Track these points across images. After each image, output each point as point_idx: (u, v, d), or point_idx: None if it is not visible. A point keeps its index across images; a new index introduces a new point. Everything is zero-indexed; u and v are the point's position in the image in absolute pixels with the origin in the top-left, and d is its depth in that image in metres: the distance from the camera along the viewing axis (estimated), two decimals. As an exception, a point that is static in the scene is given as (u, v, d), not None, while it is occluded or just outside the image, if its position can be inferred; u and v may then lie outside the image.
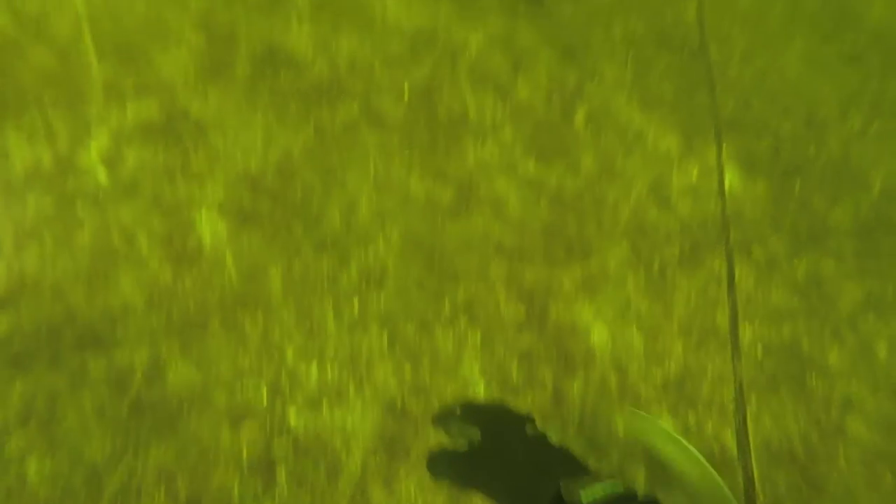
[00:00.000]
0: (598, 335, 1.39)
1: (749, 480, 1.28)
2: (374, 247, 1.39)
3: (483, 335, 1.33)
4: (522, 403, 1.28)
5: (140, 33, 1.60)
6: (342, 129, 1.53)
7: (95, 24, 1.59)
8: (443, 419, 1.14)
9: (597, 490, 0.85)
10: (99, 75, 1.51)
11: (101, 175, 1.38)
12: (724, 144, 1.82)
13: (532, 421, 1.04)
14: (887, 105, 2.03)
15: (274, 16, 1.71)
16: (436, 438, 0.99)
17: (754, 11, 2.19)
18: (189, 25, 1.64)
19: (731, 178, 1.74)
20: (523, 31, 1.86)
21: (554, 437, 0.98)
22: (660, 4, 2.11)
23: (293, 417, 1.18)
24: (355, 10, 1.79)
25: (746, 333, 1.48)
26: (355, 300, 1.33)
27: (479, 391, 1.27)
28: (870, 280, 1.63)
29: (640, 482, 1.20)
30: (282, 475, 1.11)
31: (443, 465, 1.11)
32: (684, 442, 1.20)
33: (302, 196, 1.42)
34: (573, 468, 0.94)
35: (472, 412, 1.08)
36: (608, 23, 1.98)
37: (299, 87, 1.58)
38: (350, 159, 1.49)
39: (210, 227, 1.35)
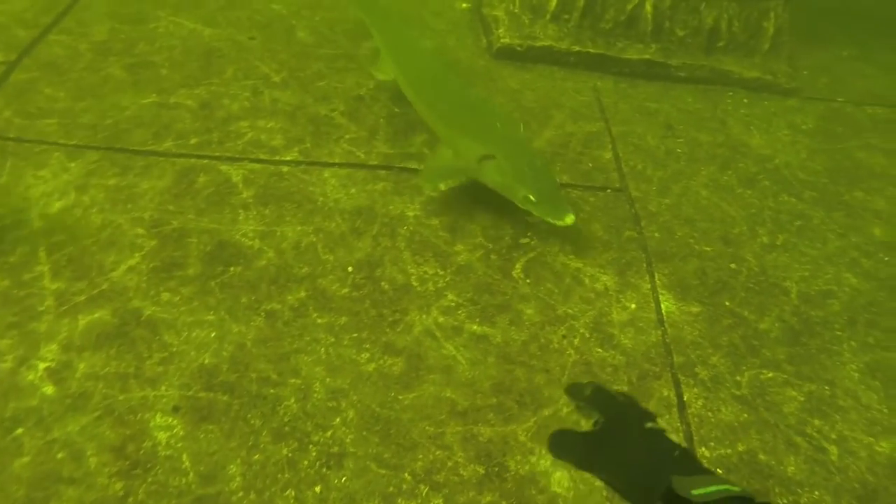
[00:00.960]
0: (559, 482, 1.43)
1: None
2: (331, 428, 1.44)
3: (445, 500, 1.36)
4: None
5: (94, 243, 1.71)
6: (292, 315, 1.63)
7: (50, 238, 1.70)
8: (575, 393, 1.15)
9: (710, 489, 0.85)
10: (51, 290, 1.59)
11: (48, 390, 1.42)
12: (656, 274, 1.98)
13: (654, 417, 1.06)
14: (785, 218, 2.28)
15: (221, 211, 1.86)
16: None
17: (661, 150, 2.49)
18: (142, 230, 1.77)
19: (666, 305, 1.88)
20: (457, 196, 2.06)
21: (674, 437, 0.98)
22: (579, 153, 2.37)
23: None
24: (296, 195, 1.96)
25: (705, 455, 1.54)
26: (317, 486, 1.35)
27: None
28: (807, 383, 1.74)
29: None
30: None
31: (565, 446, 1.10)
32: None
33: (257, 386, 1.48)
34: (689, 467, 0.94)
35: (601, 396, 1.10)
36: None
37: (248, 278, 1.69)
38: (301, 344, 1.58)
39: (165, 430, 1.39)
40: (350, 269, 1.77)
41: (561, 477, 1.44)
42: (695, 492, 0.86)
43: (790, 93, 2.97)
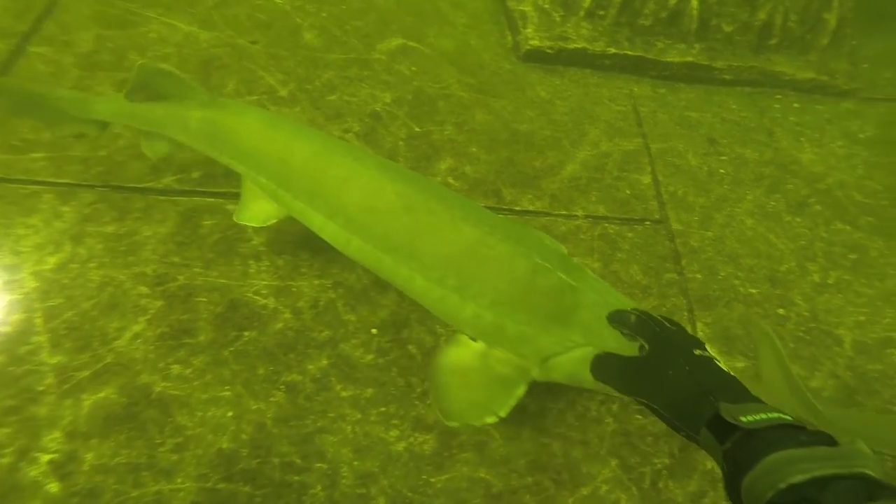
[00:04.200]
0: (603, 576, 1.47)
1: None
2: (360, 519, 1.47)
3: None
4: None
5: (95, 307, 1.70)
6: (314, 388, 1.64)
7: (47, 302, 1.68)
8: (618, 319, 1.19)
9: (760, 416, 0.87)
10: (51, 365, 1.58)
11: (53, 488, 1.40)
12: (698, 324, 1.99)
13: (702, 344, 1.09)
14: (838, 251, 2.27)
15: (231, 262, 1.84)
16: None
17: (703, 171, 2.46)
18: (146, 289, 1.75)
19: (710, 357, 1.88)
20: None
21: (724, 365, 1.02)
22: (615, 178, 2.34)
23: None
24: (311, 241, 1.90)
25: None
26: (347, 586, 1.39)
27: None
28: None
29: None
30: None
31: (607, 369, 1.13)
32: None
33: (281, 473, 1.50)
34: (739, 394, 0.97)
35: (647, 322, 1.14)
36: (568, 209, 2.19)
37: (265, 344, 1.69)
38: (326, 422, 1.59)
39: (187, 528, 1.42)
40: (374, 331, 1.77)
41: (603, 568, 1.48)
42: (744, 418, 0.87)
43: (847, 94, 2.91)
